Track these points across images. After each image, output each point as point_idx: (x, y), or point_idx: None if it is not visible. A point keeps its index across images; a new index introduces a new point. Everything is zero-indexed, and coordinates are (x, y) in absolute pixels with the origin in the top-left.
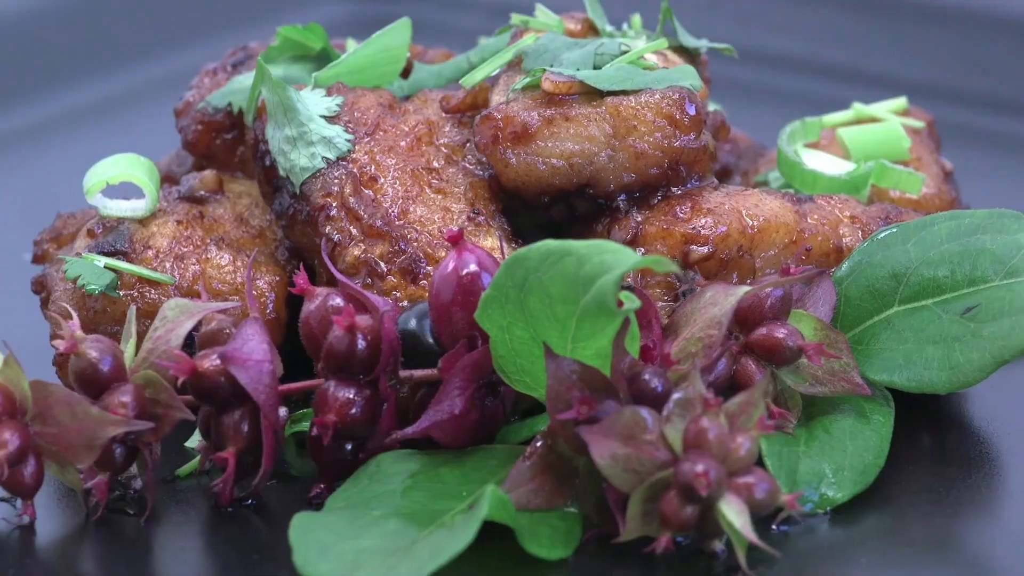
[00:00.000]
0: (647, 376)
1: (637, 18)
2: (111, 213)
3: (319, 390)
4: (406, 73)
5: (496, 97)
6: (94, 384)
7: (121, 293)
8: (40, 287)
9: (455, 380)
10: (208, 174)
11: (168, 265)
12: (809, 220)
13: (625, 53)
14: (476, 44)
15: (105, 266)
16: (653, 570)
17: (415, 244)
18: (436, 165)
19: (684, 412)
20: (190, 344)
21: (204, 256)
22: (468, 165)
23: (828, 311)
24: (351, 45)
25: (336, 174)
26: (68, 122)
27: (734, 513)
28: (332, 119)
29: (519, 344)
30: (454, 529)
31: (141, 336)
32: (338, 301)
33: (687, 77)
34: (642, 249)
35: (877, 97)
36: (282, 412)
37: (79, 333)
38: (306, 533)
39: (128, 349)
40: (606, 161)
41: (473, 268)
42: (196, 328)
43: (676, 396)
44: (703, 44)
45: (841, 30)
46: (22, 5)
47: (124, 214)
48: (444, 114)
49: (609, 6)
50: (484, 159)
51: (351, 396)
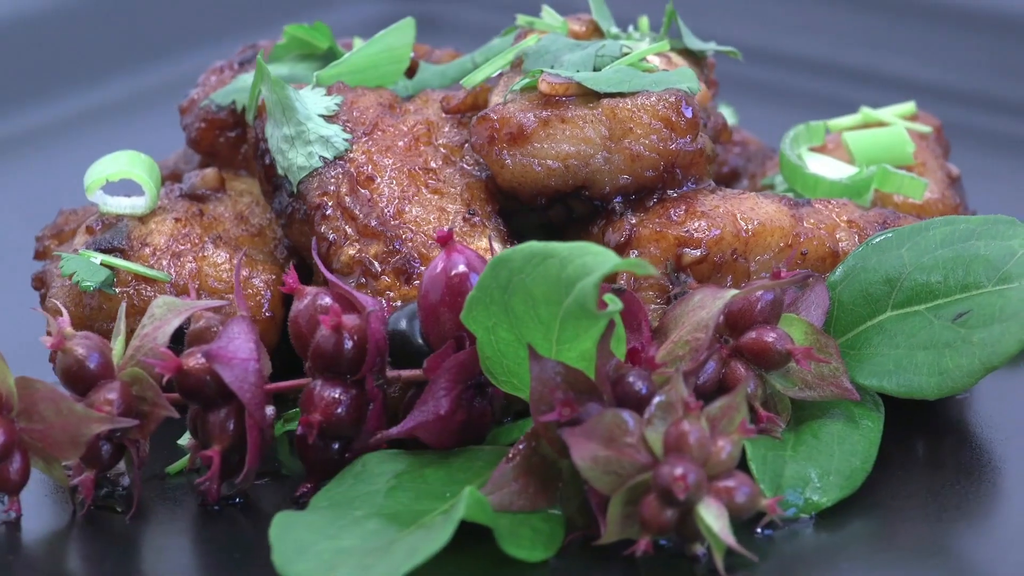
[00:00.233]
0: (631, 379)
1: (644, 20)
2: (111, 210)
3: (305, 389)
4: (412, 73)
5: (495, 98)
6: (81, 381)
7: (117, 290)
8: (40, 283)
9: (440, 381)
10: (209, 172)
11: (165, 262)
12: (805, 224)
13: (626, 55)
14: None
15: (101, 263)
16: (635, 573)
17: (410, 244)
18: (434, 165)
19: (665, 415)
20: (182, 341)
21: (201, 254)
22: (466, 166)
23: (820, 315)
24: (358, 44)
25: (333, 173)
26: (81, 122)
27: (713, 517)
28: (330, 118)
29: (504, 345)
30: (432, 530)
31: (131, 333)
32: (327, 300)
33: (685, 80)
34: (635, 251)
35: (895, 100)
36: (269, 411)
37: (68, 330)
38: (286, 532)
39: (117, 346)
40: (602, 163)
41: (462, 269)
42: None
43: (658, 399)
44: (708, 47)
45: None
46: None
47: (124, 211)
48: (444, 114)
49: (619, 8)
50: (482, 160)
51: (337, 396)
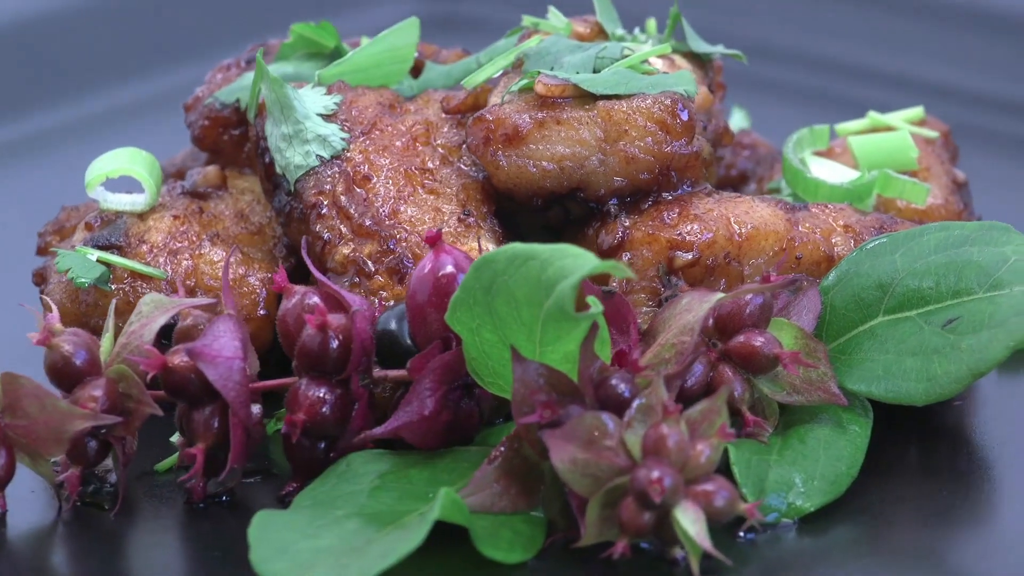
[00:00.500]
0: (614, 381)
1: (652, 22)
2: (110, 207)
3: (291, 388)
4: (417, 72)
5: (494, 99)
6: (68, 377)
7: (113, 287)
8: (40, 279)
9: (425, 381)
10: (211, 170)
11: (162, 260)
12: (801, 228)
13: (627, 57)
14: None
15: (98, 259)
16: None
17: (404, 244)
18: (431, 165)
19: (645, 418)
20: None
21: (198, 252)
22: (463, 166)
23: (812, 320)
24: (365, 43)
25: (329, 172)
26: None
27: (689, 521)
28: (329, 117)
29: (489, 347)
30: (408, 530)
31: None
32: (315, 300)
33: (682, 83)
34: (628, 254)
35: (913, 103)
36: (256, 409)
37: (57, 326)
38: (265, 531)
39: (105, 343)
40: (597, 165)
41: (449, 270)
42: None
43: (638, 402)
44: (714, 50)
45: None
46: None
47: (123, 208)
48: (444, 115)
49: (631, 10)
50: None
51: (321, 395)
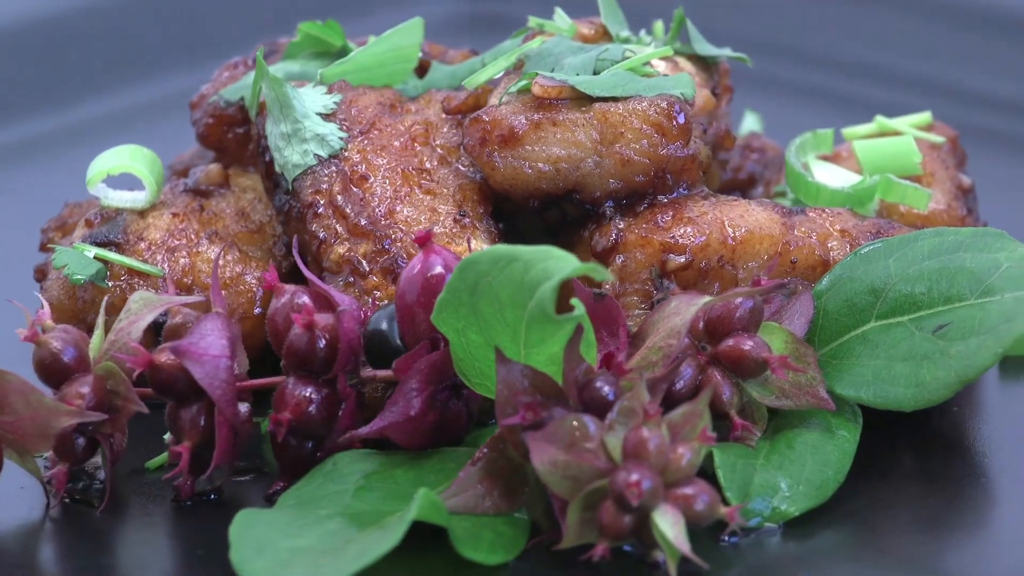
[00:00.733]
0: (598, 384)
1: (659, 25)
2: (111, 203)
3: (278, 387)
4: (423, 72)
5: (493, 99)
6: (56, 374)
7: (111, 284)
8: (42, 275)
9: (411, 381)
10: (213, 167)
11: (159, 257)
12: (796, 232)
13: (628, 59)
14: None
15: (95, 256)
16: None
17: (399, 244)
18: (429, 166)
19: (626, 421)
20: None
21: (195, 249)
22: (462, 167)
23: (804, 324)
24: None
25: (327, 172)
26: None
27: (668, 524)
28: (328, 116)
29: (475, 348)
30: (387, 530)
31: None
32: (304, 299)
33: (680, 85)
34: (621, 256)
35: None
36: (244, 408)
37: (48, 323)
38: (247, 530)
39: (95, 340)
40: (592, 167)
41: (438, 270)
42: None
43: (619, 405)
44: (720, 52)
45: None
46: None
47: (124, 205)
48: (444, 115)
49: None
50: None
51: (308, 394)
